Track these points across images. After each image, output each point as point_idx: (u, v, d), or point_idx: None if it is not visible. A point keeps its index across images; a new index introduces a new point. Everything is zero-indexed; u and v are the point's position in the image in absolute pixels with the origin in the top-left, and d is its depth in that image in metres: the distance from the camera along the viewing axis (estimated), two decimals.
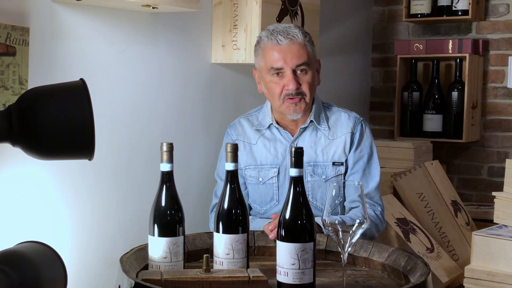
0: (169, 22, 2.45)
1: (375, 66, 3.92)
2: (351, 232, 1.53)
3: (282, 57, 2.10)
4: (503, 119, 3.58)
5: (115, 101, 2.26)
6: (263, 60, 2.15)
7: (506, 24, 3.55)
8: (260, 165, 2.23)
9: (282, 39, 2.10)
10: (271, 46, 2.12)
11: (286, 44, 2.10)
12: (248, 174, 2.24)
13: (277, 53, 2.11)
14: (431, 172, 3.26)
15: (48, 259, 1.48)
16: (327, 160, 2.19)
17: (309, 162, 2.18)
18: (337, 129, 2.22)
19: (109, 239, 2.27)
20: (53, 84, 1.49)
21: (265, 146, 2.23)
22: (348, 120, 2.23)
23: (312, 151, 2.20)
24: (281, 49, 2.10)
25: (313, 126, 2.22)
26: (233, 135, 2.28)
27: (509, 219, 2.61)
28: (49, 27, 2.01)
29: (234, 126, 2.31)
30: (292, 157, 1.52)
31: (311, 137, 2.21)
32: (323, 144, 2.21)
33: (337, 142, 2.21)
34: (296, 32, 2.11)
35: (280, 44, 2.10)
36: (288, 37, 2.10)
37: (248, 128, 2.28)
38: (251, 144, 2.25)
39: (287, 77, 2.11)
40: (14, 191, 1.95)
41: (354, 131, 2.22)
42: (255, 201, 2.25)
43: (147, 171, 2.36)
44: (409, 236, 2.87)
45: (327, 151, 2.20)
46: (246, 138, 2.26)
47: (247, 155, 2.24)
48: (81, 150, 1.41)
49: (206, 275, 1.52)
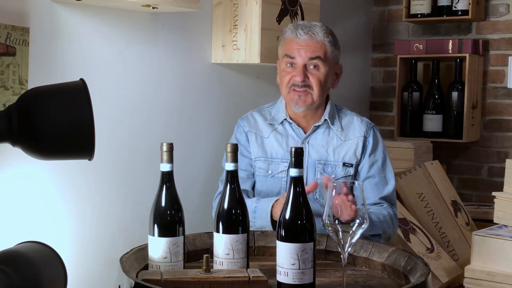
0: (169, 22, 2.45)
1: (375, 66, 3.92)
2: (351, 232, 1.53)
3: (297, 49, 2.19)
4: (503, 119, 3.58)
5: (115, 101, 2.26)
6: (282, 49, 2.25)
7: (506, 24, 3.55)
8: (270, 158, 2.25)
9: (302, 34, 2.19)
10: (291, 38, 2.22)
11: (304, 39, 2.19)
12: (258, 165, 2.26)
13: (294, 44, 2.20)
14: (431, 172, 3.26)
15: (48, 259, 1.48)
16: (337, 160, 2.22)
17: (320, 160, 2.22)
18: (349, 131, 2.26)
19: (109, 239, 2.27)
20: (53, 84, 1.49)
21: (277, 140, 2.26)
22: (360, 124, 2.28)
23: (323, 150, 2.23)
24: (298, 42, 2.19)
25: (326, 125, 2.26)
26: (245, 126, 2.31)
27: (509, 219, 2.61)
28: (49, 27, 2.01)
29: (246, 119, 2.33)
30: (292, 157, 1.52)
31: (323, 135, 2.25)
32: (335, 144, 2.24)
33: (349, 144, 2.24)
34: (317, 31, 2.19)
35: (299, 37, 2.19)
36: (308, 33, 2.19)
37: (260, 122, 2.31)
38: (263, 138, 2.28)
39: (297, 68, 2.18)
40: (14, 191, 1.95)
41: (367, 135, 2.26)
42: (260, 193, 2.26)
43: (147, 171, 2.36)
44: (409, 236, 2.87)
45: (339, 151, 2.23)
46: (258, 131, 2.29)
47: (258, 147, 2.27)
48: (81, 150, 1.41)
49: (206, 275, 1.52)
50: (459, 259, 3.05)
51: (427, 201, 3.16)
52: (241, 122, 2.33)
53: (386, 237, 2.15)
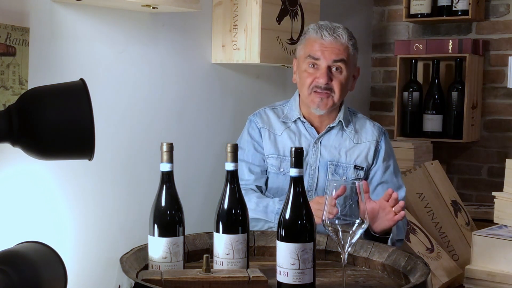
0: (169, 22, 2.45)
1: (375, 66, 3.92)
2: (351, 232, 1.53)
3: (322, 50, 2.18)
4: (503, 119, 3.58)
5: (115, 101, 2.26)
6: (304, 49, 2.23)
7: (506, 24, 3.55)
8: (283, 155, 2.25)
9: (327, 35, 2.18)
10: (314, 38, 2.20)
11: (329, 40, 2.18)
12: (270, 162, 2.26)
13: (318, 45, 2.19)
14: (431, 172, 3.25)
15: (48, 259, 1.48)
16: (349, 162, 2.23)
17: (331, 161, 2.23)
18: (362, 135, 2.27)
19: (109, 239, 2.27)
20: (53, 84, 1.49)
21: (291, 138, 2.26)
22: (373, 129, 2.29)
23: (336, 151, 2.24)
24: (322, 43, 2.18)
25: (340, 127, 2.27)
26: (258, 123, 2.30)
27: (509, 219, 2.61)
28: (49, 27, 2.01)
29: (258, 115, 2.32)
30: (292, 157, 1.52)
31: (336, 137, 2.26)
32: (348, 146, 2.25)
33: (361, 147, 2.25)
34: (342, 33, 2.19)
35: (324, 39, 2.18)
36: (333, 35, 2.18)
37: (273, 119, 2.30)
38: (276, 135, 2.27)
39: (321, 70, 2.18)
40: (15, 190, 1.95)
41: (379, 140, 2.28)
42: (271, 190, 2.26)
43: (147, 171, 2.36)
44: (409, 236, 2.87)
45: (351, 153, 2.24)
46: (271, 127, 2.29)
47: (271, 144, 2.27)
48: (81, 150, 1.41)
49: (206, 275, 1.52)
50: (459, 259, 3.05)
51: (427, 201, 3.16)
52: (253, 118, 2.32)
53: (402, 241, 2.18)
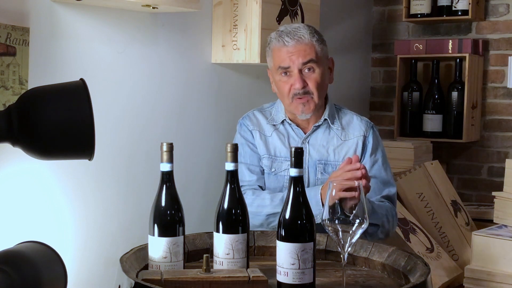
0: (169, 22, 2.45)
1: (375, 66, 3.92)
2: (351, 232, 1.53)
3: (289, 57, 2.17)
4: (503, 119, 3.58)
5: (115, 101, 2.26)
6: (272, 61, 2.23)
7: (506, 24, 3.55)
8: (274, 156, 2.26)
9: (289, 40, 2.17)
10: (278, 47, 2.19)
11: (292, 45, 2.16)
12: (264, 163, 2.27)
13: (284, 53, 2.18)
14: (431, 172, 3.25)
15: (48, 259, 1.48)
16: (338, 160, 2.23)
17: (320, 160, 2.23)
18: (349, 131, 2.27)
19: (109, 239, 2.27)
20: (53, 84, 1.49)
21: (280, 139, 2.26)
22: (360, 123, 2.28)
23: (324, 150, 2.24)
24: (287, 49, 2.17)
25: (326, 125, 2.26)
26: (248, 125, 2.30)
27: (509, 219, 2.61)
28: (49, 27, 2.01)
29: (247, 118, 2.33)
30: (292, 157, 1.52)
31: (324, 135, 2.26)
32: (335, 143, 2.25)
33: (349, 144, 2.25)
34: (303, 33, 2.17)
35: (287, 45, 2.17)
36: (294, 38, 2.16)
37: (262, 120, 2.31)
38: (266, 136, 2.28)
39: (294, 76, 2.17)
40: (15, 190, 1.95)
41: (367, 135, 2.26)
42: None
43: (148, 171, 2.36)
44: (409, 236, 2.87)
45: (339, 151, 2.24)
46: (261, 129, 2.30)
47: (262, 144, 2.27)
48: (81, 150, 1.41)
49: (206, 275, 1.52)
50: (459, 259, 3.05)
51: (427, 201, 3.16)
52: (243, 121, 2.33)
53: (384, 232, 2.13)
